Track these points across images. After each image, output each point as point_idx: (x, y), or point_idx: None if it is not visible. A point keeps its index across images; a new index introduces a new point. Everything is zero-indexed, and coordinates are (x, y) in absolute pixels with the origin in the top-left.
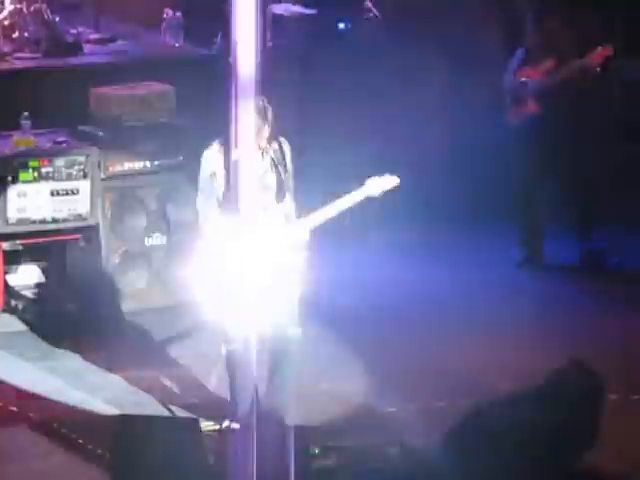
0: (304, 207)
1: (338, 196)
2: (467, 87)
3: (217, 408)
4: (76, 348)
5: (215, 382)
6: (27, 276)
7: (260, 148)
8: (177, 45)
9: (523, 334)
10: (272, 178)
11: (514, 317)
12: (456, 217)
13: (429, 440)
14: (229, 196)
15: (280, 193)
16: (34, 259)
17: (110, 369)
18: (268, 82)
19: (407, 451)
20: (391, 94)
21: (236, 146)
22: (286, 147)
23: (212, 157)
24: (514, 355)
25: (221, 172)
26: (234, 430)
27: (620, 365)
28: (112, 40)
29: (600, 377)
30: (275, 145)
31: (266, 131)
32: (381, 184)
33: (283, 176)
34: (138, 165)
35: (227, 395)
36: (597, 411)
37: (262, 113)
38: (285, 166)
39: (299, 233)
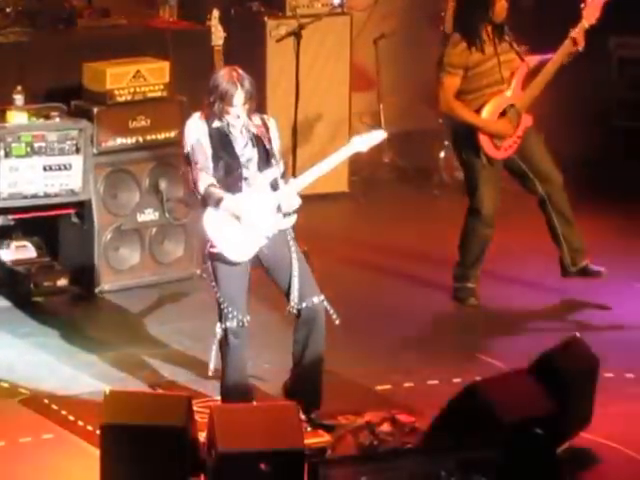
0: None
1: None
2: None
3: (209, 386)
4: (67, 324)
5: (208, 360)
6: (18, 251)
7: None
8: (172, 19)
9: None
10: (253, 152)
11: None
12: None
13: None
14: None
15: (264, 166)
16: (26, 234)
17: (101, 345)
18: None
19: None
20: None
21: None
22: (271, 123)
23: (195, 126)
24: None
25: (205, 140)
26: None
27: None
28: (107, 14)
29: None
30: (257, 120)
31: (246, 103)
32: (368, 140)
33: (268, 149)
34: (131, 140)
35: (219, 374)
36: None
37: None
38: (270, 140)
39: (288, 199)
